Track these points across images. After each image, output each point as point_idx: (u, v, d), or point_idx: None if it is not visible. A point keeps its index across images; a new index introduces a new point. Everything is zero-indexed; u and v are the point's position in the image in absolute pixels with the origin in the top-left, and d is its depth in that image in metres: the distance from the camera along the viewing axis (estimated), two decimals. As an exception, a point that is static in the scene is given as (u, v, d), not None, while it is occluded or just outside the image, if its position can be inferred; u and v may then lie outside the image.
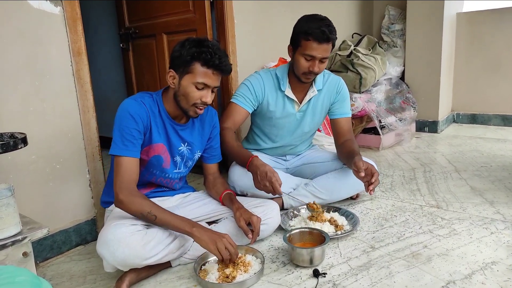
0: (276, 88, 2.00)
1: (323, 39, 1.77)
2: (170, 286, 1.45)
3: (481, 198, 2.07)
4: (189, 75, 1.46)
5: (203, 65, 1.45)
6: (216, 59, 1.44)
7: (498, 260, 1.48)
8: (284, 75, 1.99)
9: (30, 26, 1.59)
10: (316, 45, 1.78)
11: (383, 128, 3.15)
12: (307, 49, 1.80)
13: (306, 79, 1.90)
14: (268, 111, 2.01)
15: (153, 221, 1.41)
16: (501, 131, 3.61)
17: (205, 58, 1.43)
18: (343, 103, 2.08)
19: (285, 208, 2.00)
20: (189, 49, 1.44)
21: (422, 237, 1.69)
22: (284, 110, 2.02)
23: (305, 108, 2.04)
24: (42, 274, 1.60)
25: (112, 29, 3.32)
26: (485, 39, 3.73)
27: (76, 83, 1.76)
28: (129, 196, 1.41)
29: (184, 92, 1.48)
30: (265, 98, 1.99)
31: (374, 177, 1.74)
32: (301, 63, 1.84)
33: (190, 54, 1.44)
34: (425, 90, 3.67)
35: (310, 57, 1.81)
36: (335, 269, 1.49)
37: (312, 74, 1.86)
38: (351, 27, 3.84)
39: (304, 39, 1.80)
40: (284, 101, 2.01)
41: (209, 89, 1.49)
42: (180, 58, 1.46)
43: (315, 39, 1.77)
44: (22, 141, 1.25)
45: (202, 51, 1.43)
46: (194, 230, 1.41)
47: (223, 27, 2.47)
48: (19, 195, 1.50)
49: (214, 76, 1.48)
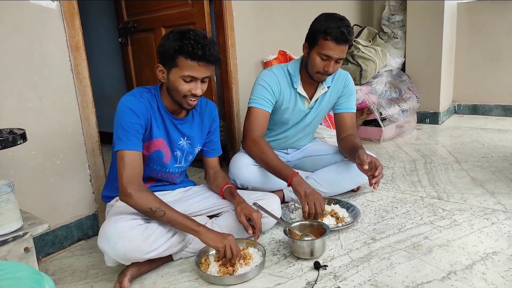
0: (289, 85, 1.98)
1: (342, 40, 1.75)
2: (171, 279, 1.46)
3: (482, 189, 2.07)
4: (175, 69, 1.44)
5: (187, 58, 1.41)
6: (199, 50, 1.39)
7: (499, 250, 1.48)
8: (296, 72, 1.97)
9: (27, 21, 1.58)
10: (334, 45, 1.76)
11: (384, 120, 3.14)
12: (325, 48, 1.77)
13: (318, 79, 1.89)
14: (281, 108, 1.99)
15: (161, 217, 1.40)
16: (502, 121, 3.60)
17: (187, 50, 1.39)
18: (349, 98, 2.07)
19: (286, 201, 2.00)
20: (172, 42, 1.41)
21: (423, 228, 1.69)
22: (296, 107, 2.00)
23: (315, 104, 2.04)
24: (44, 269, 1.61)
25: (111, 23, 3.30)
26: (485, 29, 3.71)
27: (75, 78, 1.76)
28: (138, 191, 1.40)
29: (173, 86, 1.47)
30: (281, 95, 1.97)
31: (378, 170, 1.72)
32: (317, 62, 1.82)
33: (172, 48, 1.40)
34: (426, 81, 3.65)
35: (326, 57, 1.79)
36: (336, 261, 1.49)
37: (326, 74, 1.84)
38: (351, 18, 3.79)
39: (322, 38, 1.77)
40: (296, 98, 1.99)
41: (197, 81, 1.46)
42: (165, 53, 1.44)
43: (334, 39, 1.75)
44: (21, 137, 1.24)
45: (184, 44, 1.39)
46: (201, 229, 1.42)
47: (222, 20, 2.45)
48: (20, 191, 1.51)
49: (201, 67, 1.43)
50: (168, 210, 1.41)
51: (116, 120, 1.47)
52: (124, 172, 1.41)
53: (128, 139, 1.43)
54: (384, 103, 3.23)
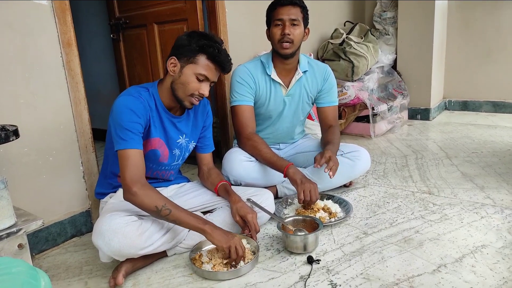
0: (263, 74, 2.02)
1: (286, 2, 1.87)
2: (166, 275, 1.47)
3: (471, 184, 2.10)
4: (193, 65, 1.48)
5: (208, 58, 1.48)
6: (222, 56, 1.49)
7: (487, 243, 1.51)
8: (269, 60, 2.02)
9: (18, 17, 1.57)
10: (281, 9, 1.87)
11: (375, 115, 3.17)
12: (275, 16, 1.89)
13: (283, 49, 1.91)
14: (260, 98, 2.03)
15: (166, 215, 1.39)
16: (492, 117, 3.65)
17: (212, 52, 1.47)
18: (330, 92, 2.11)
19: (279, 197, 2.01)
20: (199, 40, 1.47)
21: (414, 223, 1.71)
22: (272, 94, 2.03)
23: (293, 91, 2.05)
24: (38, 265, 1.61)
25: (102, 19, 3.27)
26: (476, 27, 3.75)
27: (67, 75, 1.75)
28: (143, 189, 1.39)
29: (184, 81, 1.49)
30: (257, 85, 2.01)
31: (330, 162, 1.80)
32: (274, 32, 1.90)
33: (199, 45, 1.47)
34: (417, 78, 3.68)
35: (279, 22, 1.88)
36: (329, 255, 1.51)
37: (285, 37, 1.88)
38: (343, 15, 3.83)
39: (271, 11, 1.92)
40: (272, 86, 2.03)
41: (208, 82, 1.51)
42: (187, 47, 1.48)
43: (279, 5, 1.88)
44: (14, 134, 1.24)
45: (211, 45, 1.47)
46: (207, 227, 1.41)
47: (215, 17, 2.45)
48: (13, 188, 1.50)
49: (216, 71, 1.52)
50: (174, 208, 1.40)
51: (114, 121, 1.45)
52: (127, 171, 1.40)
53: (130, 138, 1.42)
54: (374, 101, 3.26)
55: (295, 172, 1.78)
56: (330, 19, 3.64)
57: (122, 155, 1.42)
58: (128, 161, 1.41)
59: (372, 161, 2.39)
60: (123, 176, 1.40)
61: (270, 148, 1.93)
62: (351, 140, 3.15)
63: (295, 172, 1.78)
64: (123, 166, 1.41)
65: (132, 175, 1.39)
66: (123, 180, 1.40)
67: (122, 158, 1.42)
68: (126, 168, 1.40)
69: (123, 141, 1.42)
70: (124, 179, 1.40)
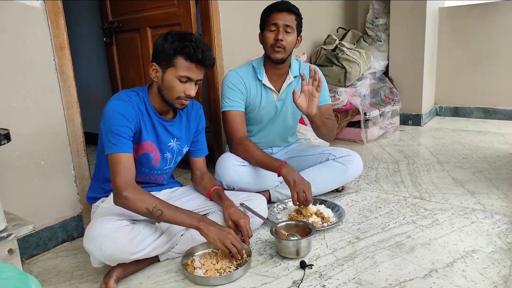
0: (255, 79, 2.03)
1: (283, 8, 1.90)
2: (157, 280, 1.46)
3: (462, 189, 2.12)
4: (172, 68, 1.46)
5: (186, 59, 1.44)
6: (199, 54, 1.44)
7: (478, 248, 1.52)
8: (261, 65, 2.03)
9: (10, 20, 1.56)
10: (277, 14, 1.89)
11: (367, 121, 3.19)
12: (270, 20, 1.90)
13: (275, 53, 1.92)
14: (251, 103, 2.03)
15: (158, 216, 1.39)
16: (483, 123, 3.69)
17: (188, 52, 1.43)
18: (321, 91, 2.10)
19: (272, 201, 2.02)
20: (172, 43, 1.44)
21: (406, 228, 1.73)
22: (264, 99, 2.04)
23: (284, 96, 2.06)
24: (28, 271, 1.59)
25: (95, 23, 3.27)
26: (466, 33, 3.80)
27: (59, 78, 1.74)
28: (134, 193, 1.38)
29: (168, 86, 1.48)
30: (248, 90, 2.02)
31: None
32: (268, 36, 1.92)
33: (173, 48, 1.43)
34: (409, 84, 3.72)
35: (274, 27, 1.90)
36: (321, 260, 1.51)
37: (278, 42, 1.89)
38: (335, 21, 3.86)
39: (266, 15, 1.93)
40: (263, 91, 2.03)
41: (192, 82, 1.50)
42: (163, 52, 1.45)
43: (275, 10, 1.90)
44: (5, 137, 1.23)
45: (185, 45, 1.43)
46: (201, 224, 1.41)
47: (208, 21, 2.46)
48: (3, 192, 1.49)
49: (197, 70, 1.48)
50: (165, 208, 1.40)
51: (104, 125, 1.45)
52: (118, 175, 1.39)
53: (120, 142, 1.42)
54: (366, 107, 3.28)
55: (288, 172, 1.77)
56: (323, 25, 3.67)
57: (113, 160, 1.42)
58: (119, 165, 1.40)
59: (364, 166, 2.40)
60: (114, 180, 1.40)
61: (262, 150, 1.94)
62: (343, 145, 3.16)
63: (288, 172, 1.77)
64: (113, 171, 1.41)
65: (122, 179, 1.39)
66: (114, 184, 1.40)
67: (112, 162, 1.42)
68: (116, 172, 1.40)
69: (113, 145, 1.42)
70: (114, 183, 1.39)
